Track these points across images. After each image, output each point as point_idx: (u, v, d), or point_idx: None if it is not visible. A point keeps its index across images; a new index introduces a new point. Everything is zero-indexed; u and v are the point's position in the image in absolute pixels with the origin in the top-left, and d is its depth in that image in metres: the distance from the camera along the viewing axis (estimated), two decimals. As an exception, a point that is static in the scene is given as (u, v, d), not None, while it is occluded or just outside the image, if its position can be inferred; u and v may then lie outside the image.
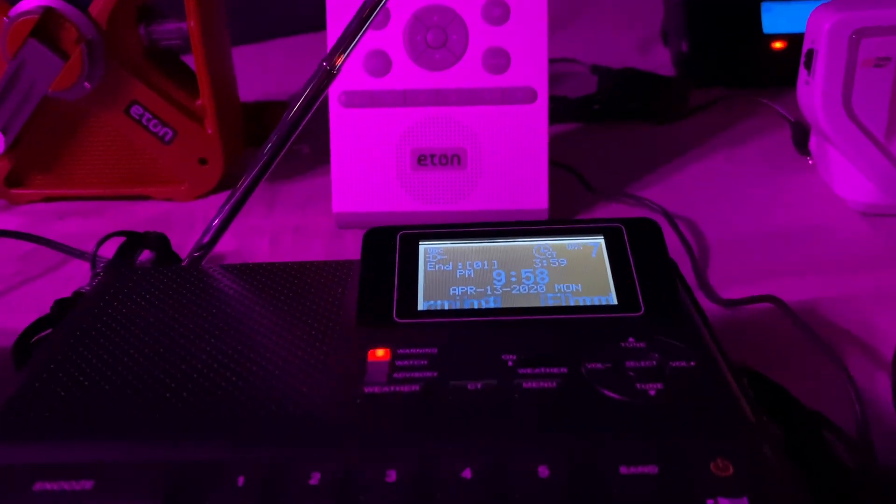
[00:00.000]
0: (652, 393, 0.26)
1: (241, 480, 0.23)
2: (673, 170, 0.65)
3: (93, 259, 0.49)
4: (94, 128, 0.62)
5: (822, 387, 0.36)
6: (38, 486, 0.23)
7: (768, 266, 0.50)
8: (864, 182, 0.55)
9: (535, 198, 0.56)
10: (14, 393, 0.28)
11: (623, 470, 0.23)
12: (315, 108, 0.39)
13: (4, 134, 0.60)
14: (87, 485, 0.24)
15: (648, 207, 0.57)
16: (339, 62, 0.38)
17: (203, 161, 0.62)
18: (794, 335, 0.41)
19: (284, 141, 0.39)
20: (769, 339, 0.42)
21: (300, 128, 0.39)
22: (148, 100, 0.61)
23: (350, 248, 0.54)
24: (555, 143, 0.70)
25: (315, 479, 0.23)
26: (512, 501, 0.22)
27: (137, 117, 0.61)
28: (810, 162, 0.62)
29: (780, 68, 0.72)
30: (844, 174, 0.56)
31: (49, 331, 0.41)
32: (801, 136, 0.64)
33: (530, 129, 0.55)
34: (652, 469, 0.23)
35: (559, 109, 0.74)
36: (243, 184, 0.39)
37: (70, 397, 0.28)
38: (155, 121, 0.61)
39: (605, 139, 0.72)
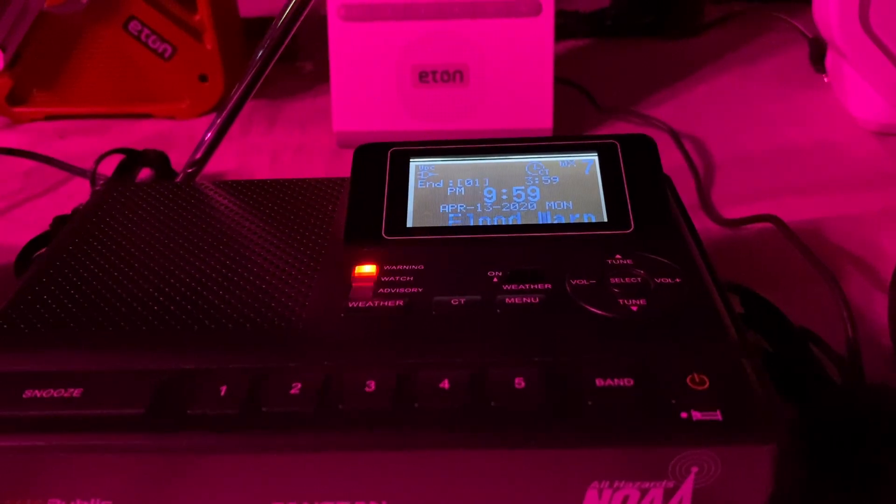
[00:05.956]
0: (634, 308, 0.26)
1: (223, 390, 0.24)
2: (684, 87, 0.63)
3: (92, 176, 0.49)
4: (93, 44, 0.61)
5: (817, 306, 0.36)
6: (28, 392, 0.24)
7: (774, 185, 0.49)
8: (877, 100, 0.53)
9: (540, 116, 0.54)
10: (6, 305, 0.28)
11: (599, 382, 0.23)
12: (304, 14, 0.38)
13: (3, 50, 0.59)
14: (76, 392, 0.24)
15: (655, 125, 0.56)
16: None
17: (203, 78, 0.61)
18: (793, 254, 0.40)
19: (274, 51, 0.38)
20: (768, 258, 0.41)
21: (289, 36, 0.38)
22: (146, 15, 0.59)
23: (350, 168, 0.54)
24: (564, 60, 0.68)
25: (296, 388, 0.24)
26: (488, 411, 0.23)
27: (136, 33, 0.60)
28: (826, 80, 0.60)
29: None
30: (858, 92, 0.54)
31: (49, 247, 0.42)
32: (818, 52, 0.61)
33: (535, 43, 0.53)
34: (628, 381, 0.23)
35: (570, 24, 0.72)
36: (234, 95, 0.39)
37: (61, 309, 0.28)
38: (154, 36, 0.60)
39: (616, 55, 0.70)
